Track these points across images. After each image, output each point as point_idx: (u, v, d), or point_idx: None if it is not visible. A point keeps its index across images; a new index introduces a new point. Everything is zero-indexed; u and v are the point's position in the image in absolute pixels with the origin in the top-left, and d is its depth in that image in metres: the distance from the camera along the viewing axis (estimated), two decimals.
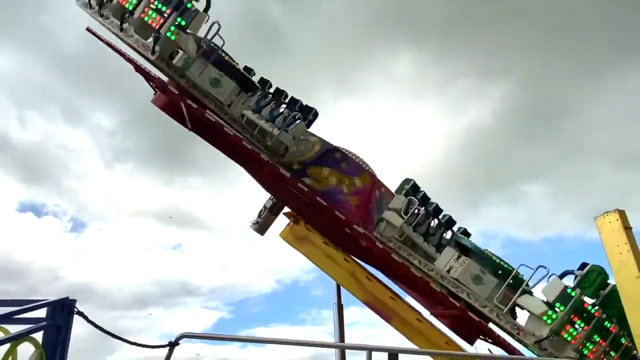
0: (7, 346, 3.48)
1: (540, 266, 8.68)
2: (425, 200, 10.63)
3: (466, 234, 10.89)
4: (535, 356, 9.21)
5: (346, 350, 9.02)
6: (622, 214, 4.45)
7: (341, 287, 9.50)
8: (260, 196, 10.72)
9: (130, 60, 9.57)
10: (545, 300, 8.59)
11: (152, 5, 8.79)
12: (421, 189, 10.80)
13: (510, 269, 9.63)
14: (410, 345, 8.68)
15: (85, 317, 4.31)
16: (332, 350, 9.17)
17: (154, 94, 10.14)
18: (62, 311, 3.97)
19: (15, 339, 3.53)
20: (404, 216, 9.87)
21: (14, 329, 3.68)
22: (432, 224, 10.62)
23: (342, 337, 9.65)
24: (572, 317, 8.28)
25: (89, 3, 9.62)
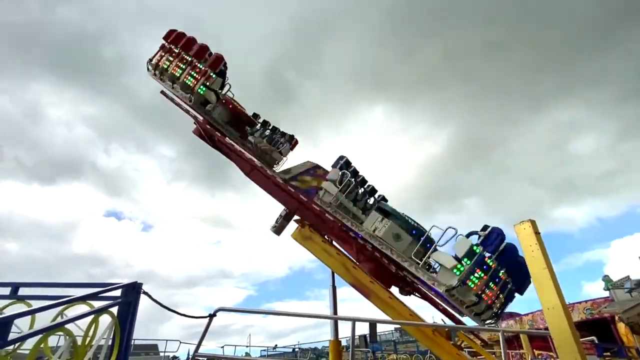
0: (91, 317, 3.44)
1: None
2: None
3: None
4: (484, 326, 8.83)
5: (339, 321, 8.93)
6: (533, 223, 4.50)
7: (335, 273, 9.42)
8: (273, 206, 10.94)
9: (180, 106, 11.17)
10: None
11: (190, 73, 10.99)
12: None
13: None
14: (384, 316, 8.58)
15: (149, 296, 4.26)
16: (329, 320, 9.10)
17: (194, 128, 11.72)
18: (132, 291, 3.93)
19: (98, 312, 3.49)
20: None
21: (97, 304, 3.65)
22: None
23: (335, 310, 9.53)
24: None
25: (154, 73, 11.67)
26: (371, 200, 10.40)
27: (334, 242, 9.90)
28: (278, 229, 11.03)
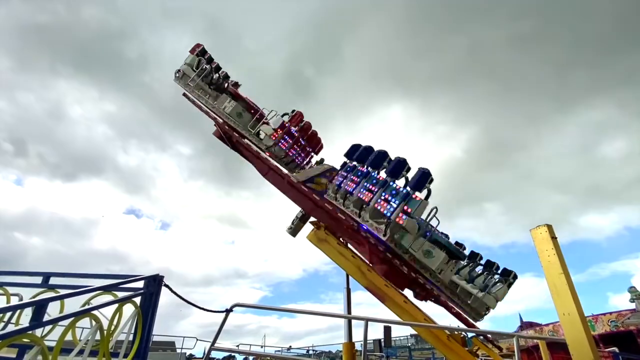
0: (116, 306, 3.64)
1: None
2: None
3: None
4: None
5: (353, 323, 8.99)
6: (549, 227, 4.46)
7: (349, 276, 9.47)
8: (289, 207, 11.09)
9: (200, 107, 11.97)
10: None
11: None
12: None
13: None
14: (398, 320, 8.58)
15: (170, 288, 4.45)
16: (342, 322, 9.17)
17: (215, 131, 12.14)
18: (154, 283, 4.12)
19: (122, 301, 3.69)
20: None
21: (120, 294, 3.85)
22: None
23: (349, 312, 9.58)
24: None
25: (178, 77, 12.38)
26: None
27: (349, 245, 9.95)
28: (294, 230, 11.19)
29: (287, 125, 11.35)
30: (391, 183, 8.61)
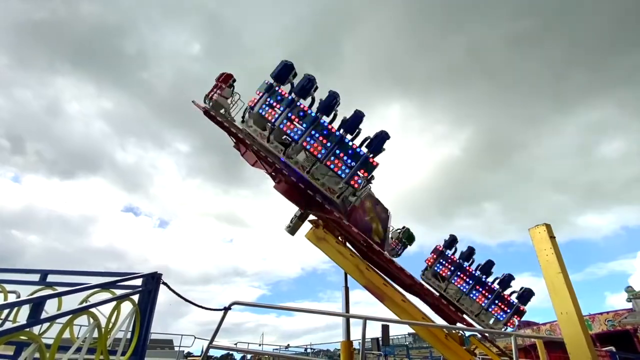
0: (114, 303, 3.63)
1: None
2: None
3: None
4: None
5: (351, 322, 9.00)
6: (548, 227, 4.48)
7: (348, 275, 9.47)
8: (287, 206, 10.93)
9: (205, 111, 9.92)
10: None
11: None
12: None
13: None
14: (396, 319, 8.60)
15: (168, 286, 4.44)
16: (341, 322, 9.18)
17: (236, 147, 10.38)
18: (153, 280, 4.11)
19: (120, 298, 3.68)
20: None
21: (118, 292, 3.84)
22: None
23: (347, 310, 9.59)
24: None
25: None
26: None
27: (348, 244, 9.96)
28: (292, 229, 11.14)
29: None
30: (347, 140, 8.62)
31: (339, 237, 9.76)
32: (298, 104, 8.75)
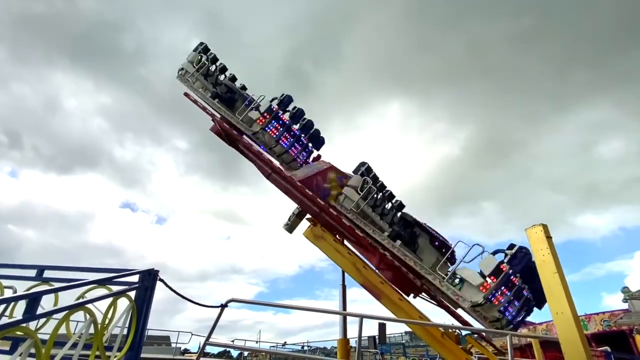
0: (110, 299, 3.63)
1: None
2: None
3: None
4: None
5: (348, 320, 9.02)
6: (545, 227, 4.51)
7: (345, 273, 9.50)
8: (286, 203, 10.99)
9: (197, 104, 11.19)
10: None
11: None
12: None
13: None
14: (393, 317, 8.62)
15: (165, 283, 4.45)
16: (338, 320, 9.21)
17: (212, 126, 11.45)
18: (149, 277, 4.11)
19: (116, 295, 3.68)
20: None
21: (115, 288, 3.84)
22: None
23: (344, 309, 9.63)
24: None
25: (180, 74, 11.72)
26: (389, 206, 10.49)
27: (346, 242, 9.97)
28: (290, 226, 11.18)
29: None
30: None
31: (337, 236, 9.78)
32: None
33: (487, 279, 7.85)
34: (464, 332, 9.49)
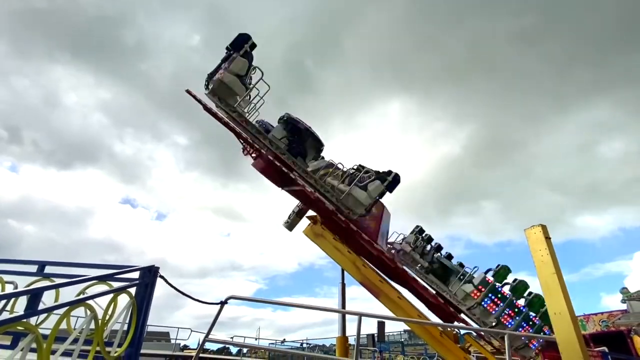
0: (111, 296, 3.66)
1: (475, 267, 11.19)
2: (429, 240, 12.46)
3: (450, 257, 12.25)
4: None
5: (347, 317, 9.06)
6: (544, 227, 4.52)
7: (344, 271, 9.53)
8: (286, 201, 10.93)
9: (200, 103, 9.45)
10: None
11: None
12: (425, 231, 12.73)
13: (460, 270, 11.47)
14: (391, 315, 8.65)
15: (165, 280, 4.46)
16: (337, 318, 9.24)
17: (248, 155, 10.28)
18: (150, 273, 4.13)
19: (117, 291, 3.70)
20: (412, 246, 12.09)
21: (115, 284, 3.86)
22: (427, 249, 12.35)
23: (343, 307, 9.66)
24: (493, 297, 10.43)
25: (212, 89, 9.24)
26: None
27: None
28: (290, 224, 11.21)
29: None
30: None
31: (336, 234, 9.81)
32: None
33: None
34: (462, 331, 9.55)
